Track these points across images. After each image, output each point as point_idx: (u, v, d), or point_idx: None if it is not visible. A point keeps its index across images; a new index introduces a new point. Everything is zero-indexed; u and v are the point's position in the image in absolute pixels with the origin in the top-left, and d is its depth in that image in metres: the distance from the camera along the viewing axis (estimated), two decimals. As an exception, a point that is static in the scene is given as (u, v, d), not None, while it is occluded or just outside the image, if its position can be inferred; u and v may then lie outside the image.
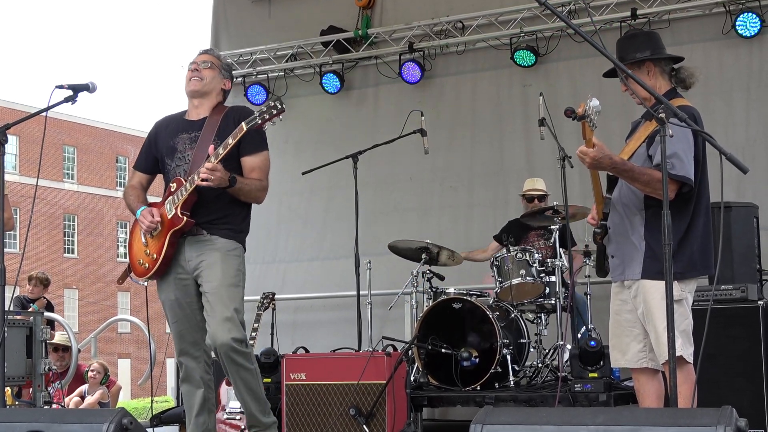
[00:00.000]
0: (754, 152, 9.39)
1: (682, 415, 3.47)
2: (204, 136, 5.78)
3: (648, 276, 5.08)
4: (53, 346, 9.90)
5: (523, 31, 10.41)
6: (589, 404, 7.05)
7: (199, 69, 5.89)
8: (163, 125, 6.06)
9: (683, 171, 4.94)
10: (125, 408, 4.21)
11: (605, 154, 4.91)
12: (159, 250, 5.79)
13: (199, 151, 5.75)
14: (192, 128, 5.87)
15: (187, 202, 5.70)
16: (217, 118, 5.83)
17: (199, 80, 5.87)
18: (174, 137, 5.90)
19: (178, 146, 5.87)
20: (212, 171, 5.49)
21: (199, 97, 5.92)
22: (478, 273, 9.41)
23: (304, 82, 11.67)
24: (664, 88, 5.24)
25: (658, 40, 5.39)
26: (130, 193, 6.12)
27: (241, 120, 5.58)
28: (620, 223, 5.23)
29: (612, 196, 5.28)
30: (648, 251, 5.10)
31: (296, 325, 10.92)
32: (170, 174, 5.88)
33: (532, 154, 10.32)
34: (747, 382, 6.89)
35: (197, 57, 5.98)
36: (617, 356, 5.37)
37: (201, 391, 5.88)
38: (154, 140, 6.04)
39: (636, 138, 5.22)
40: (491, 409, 3.66)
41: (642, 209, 5.13)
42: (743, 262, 7.46)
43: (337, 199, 10.75)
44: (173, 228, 5.73)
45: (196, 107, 5.93)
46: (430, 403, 7.94)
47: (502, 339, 7.68)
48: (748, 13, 9.39)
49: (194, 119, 5.92)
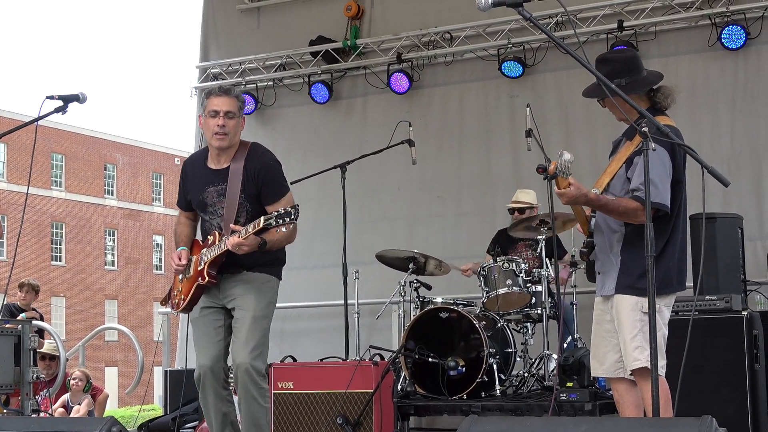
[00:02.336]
0: (739, 163, 9.47)
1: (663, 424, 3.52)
2: (231, 191, 5.93)
3: (620, 290, 5.19)
4: (40, 355, 9.89)
5: (510, 42, 10.47)
6: (574, 413, 7.09)
7: (225, 123, 5.91)
8: (190, 170, 6.19)
9: (659, 198, 4.99)
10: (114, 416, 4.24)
11: (581, 193, 5.00)
12: (186, 293, 6.03)
13: (229, 205, 5.92)
14: (217, 179, 5.99)
15: (215, 261, 5.90)
16: (239, 167, 5.95)
17: (225, 136, 5.94)
18: (202, 191, 6.04)
19: (207, 200, 6.02)
20: (239, 245, 5.69)
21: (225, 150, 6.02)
22: (465, 283, 9.44)
23: (292, 92, 11.71)
24: (643, 107, 5.24)
25: (636, 62, 5.29)
26: (178, 230, 6.28)
27: (259, 174, 5.90)
28: (602, 242, 5.33)
29: (596, 216, 5.36)
30: (622, 266, 5.19)
31: (284, 333, 10.93)
32: (206, 225, 6.09)
33: (519, 165, 10.36)
34: (731, 391, 6.93)
35: (220, 102, 5.93)
36: (596, 365, 5.45)
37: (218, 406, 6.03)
38: (185, 185, 6.20)
39: (617, 159, 5.26)
40: (476, 418, 3.70)
41: (621, 226, 5.21)
42: (728, 272, 7.51)
43: (325, 209, 10.77)
44: (197, 283, 5.95)
45: (218, 155, 6.03)
46: (416, 411, 7.97)
47: (489, 348, 7.71)
48: (734, 26, 9.46)
49: (218, 168, 6.02)
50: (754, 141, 9.57)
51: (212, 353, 6.01)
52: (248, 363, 5.84)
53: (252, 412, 5.92)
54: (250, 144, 6.11)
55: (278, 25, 11.85)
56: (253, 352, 5.87)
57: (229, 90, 6.08)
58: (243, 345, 5.87)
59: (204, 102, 6.07)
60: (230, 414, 6.10)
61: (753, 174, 9.48)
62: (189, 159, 6.35)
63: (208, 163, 6.08)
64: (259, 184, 5.94)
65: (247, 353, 5.85)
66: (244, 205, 5.92)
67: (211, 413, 6.08)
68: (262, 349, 5.95)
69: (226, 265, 5.94)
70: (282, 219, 5.60)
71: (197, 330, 6.12)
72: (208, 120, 5.95)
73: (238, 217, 5.90)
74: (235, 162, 5.98)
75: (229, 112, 5.92)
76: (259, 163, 5.98)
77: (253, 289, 5.98)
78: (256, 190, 5.93)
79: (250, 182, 5.92)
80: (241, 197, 5.91)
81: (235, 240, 5.68)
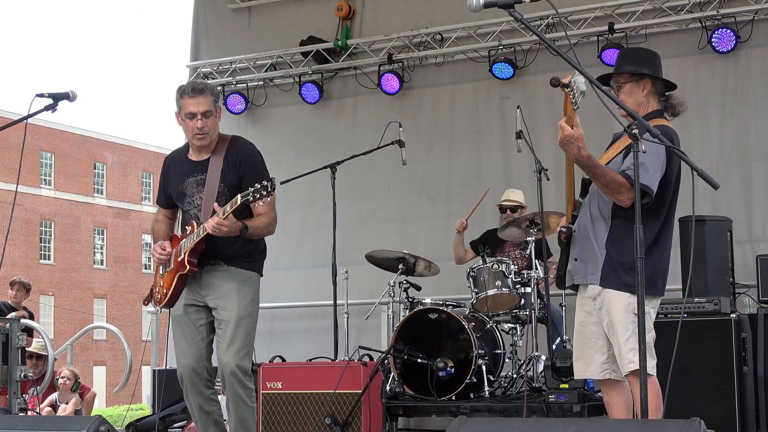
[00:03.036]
0: (729, 167, 9.49)
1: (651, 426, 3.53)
2: (210, 179, 5.93)
3: (606, 284, 5.13)
4: (28, 354, 9.87)
5: (501, 43, 10.48)
6: (563, 415, 7.10)
7: (204, 124, 5.89)
8: (171, 164, 6.20)
9: (646, 180, 4.95)
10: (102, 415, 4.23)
11: (578, 141, 4.92)
12: (168, 286, 5.98)
13: (207, 194, 5.91)
14: (197, 170, 5.99)
15: (195, 249, 5.86)
16: (219, 158, 5.95)
17: (206, 135, 5.93)
18: (182, 181, 6.04)
19: (186, 191, 6.02)
20: (219, 225, 5.63)
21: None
22: (455, 284, 9.45)
23: (283, 92, 11.70)
24: (653, 107, 5.29)
25: (659, 62, 5.43)
26: (156, 227, 6.27)
27: (240, 163, 5.89)
28: (584, 227, 5.26)
29: (583, 201, 5.32)
30: (607, 259, 5.14)
31: (273, 334, 10.93)
32: (185, 216, 6.07)
33: (509, 166, 10.38)
34: (720, 393, 6.96)
35: (196, 103, 5.89)
36: (581, 368, 5.40)
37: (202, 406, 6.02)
38: (167, 179, 6.20)
39: (614, 147, 5.29)
40: (465, 419, 3.70)
41: (608, 218, 5.18)
42: (716, 275, 7.54)
43: (315, 209, 10.78)
44: (179, 272, 5.91)
45: (199, 149, 6.03)
46: (405, 412, 7.98)
47: (478, 349, 7.72)
48: (724, 29, 9.49)
49: (198, 160, 6.02)
50: (744, 144, 9.60)
51: (194, 353, 6.00)
52: (234, 364, 5.82)
53: (240, 413, 5.91)
54: (230, 137, 6.11)
55: (269, 25, 11.85)
56: (239, 353, 5.85)
57: (202, 89, 5.98)
58: (228, 346, 5.84)
59: (178, 101, 5.99)
60: (214, 413, 6.08)
61: (742, 177, 9.51)
62: (170, 155, 6.33)
63: (189, 155, 6.09)
64: (240, 173, 5.92)
65: (233, 354, 5.82)
66: (223, 194, 5.88)
67: (195, 412, 6.09)
68: (248, 348, 5.93)
69: (206, 257, 5.91)
70: (259, 193, 5.54)
71: (178, 329, 6.07)
72: (185, 121, 5.93)
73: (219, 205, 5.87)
74: (215, 154, 5.98)
75: (206, 112, 5.90)
76: (241, 152, 5.98)
77: (234, 287, 5.93)
78: (237, 179, 5.91)
79: (231, 171, 5.91)
80: (221, 186, 5.89)
81: (214, 220, 5.62)
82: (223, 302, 5.91)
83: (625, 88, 5.29)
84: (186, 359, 6.00)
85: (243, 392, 5.87)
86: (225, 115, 11.59)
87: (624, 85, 5.31)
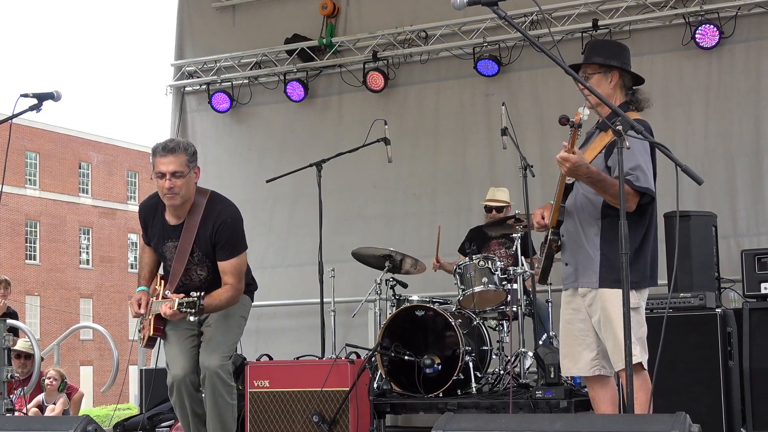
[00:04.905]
0: (713, 162, 9.52)
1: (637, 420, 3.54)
2: (181, 246, 5.95)
3: (606, 285, 5.14)
4: (16, 353, 9.83)
5: (486, 40, 10.49)
6: (549, 411, 7.12)
7: (173, 184, 5.84)
8: (149, 218, 6.17)
9: (647, 183, 5.02)
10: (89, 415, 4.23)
11: (584, 162, 4.96)
12: (146, 332, 6.07)
13: (177, 262, 5.96)
14: (174, 235, 6.02)
15: (159, 317, 5.93)
16: (194, 223, 5.94)
17: (176, 195, 5.89)
18: (162, 245, 6.08)
19: (166, 254, 6.08)
20: (173, 316, 5.73)
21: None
22: (441, 281, 9.46)
23: (268, 90, 11.69)
24: (620, 101, 5.31)
25: (628, 55, 5.45)
26: (143, 258, 6.33)
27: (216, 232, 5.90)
28: (574, 232, 5.27)
29: (567, 205, 5.34)
30: (603, 260, 5.15)
31: (260, 332, 10.92)
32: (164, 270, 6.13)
33: (495, 163, 10.39)
34: (705, 388, 6.98)
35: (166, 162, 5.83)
36: (568, 365, 5.40)
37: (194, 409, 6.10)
38: (145, 229, 6.21)
39: (592, 148, 5.28)
40: (452, 416, 3.71)
41: (598, 219, 5.19)
42: (702, 270, 7.57)
43: (301, 207, 10.79)
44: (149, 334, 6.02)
45: (174, 209, 6.01)
46: (393, 409, 7.99)
47: (465, 346, 7.74)
48: (708, 25, 9.52)
49: (174, 224, 6.03)
50: (728, 139, 9.63)
51: (185, 364, 6.06)
52: (218, 367, 5.95)
53: (219, 408, 6.01)
54: (209, 194, 6.07)
55: (254, 23, 11.83)
56: (224, 357, 5.99)
57: (174, 148, 5.88)
58: (213, 350, 5.98)
59: (152, 159, 5.96)
60: (204, 415, 6.14)
61: (726, 172, 9.54)
62: (146, 206, 6.25)
63: (165, 215, 6.07)
64: (214, 241, 5.96)
65: (218, 358, 5.96)
66: (200, 260, 5.98)
67: (187, 416, 6.12)
68: (231, 352, 6.10)
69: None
70: (188, 308, 5.63)
71: (171, 335, 6.13)
72: (157, 180, 5.90)
73: (192, 272, 5.99)
74: (190, 217, 5.98)
75: (176, 172, 5.83)
76: (218, 221, 5.97)
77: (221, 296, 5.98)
78: (211, 246, 5.96)
79: (207, 238, 5.94)
80: (195, 253, 5.96)
81: (167, 313, 5.74)
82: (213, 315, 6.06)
83: (593, 79, 5.29)
84: (177, 369, 6.06)
85: (224, 389, 5.99)
86: (210, 114, 11.62)
87: (592, 76, 5.32)
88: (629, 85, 5.38)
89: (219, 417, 6.03)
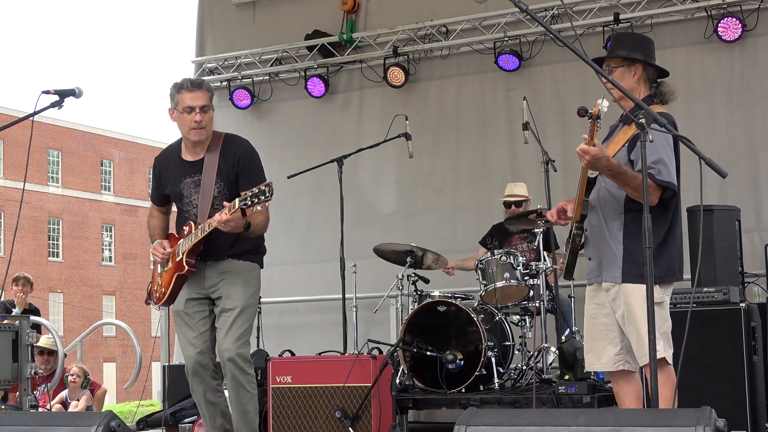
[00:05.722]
0: (736, 156, 9.46)
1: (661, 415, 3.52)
2: (206, 179, 6.00)
3: (628, 279, 5.11)
4: (39, 350, 9.88)
5: (506, 35, 10.46)
6: (572, 406, 7.09)
7: (202, 118, 5.96)
8: (164, 164, 6.24)
9: (669, 177, 4.99)
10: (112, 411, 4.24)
11: (604, 155, 4.93)
12: (167, 285, 6.10)
13: (203, 195, 5.97)
14: (193, 170, 6.06)
15: (193, 250, 5.94)
16: (214, 156, 6.01)
17: (203, 130, 6.00)
18: (179, 182, 6.10)
19: (184, 191, 6.08)
20: (226, 222, 5.69)
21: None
22: (463, 276, 9.44)
23: (288, 86, 11.69)
24: (644, 94, 5.28)
25: (652, 48, 5.42)
26: (151, 222, 6.36)
27: (238, 161, 5.97)
28: (598, 226, 5.25)
29: (590, 199, 5.31)
30: (627, 255, 5.13)
31: (282, 328, 10.93)
32: (182, 216, 6.12)
33: (516, 158, 10.37)
34: (729, 383, 6.93)
35: (194, 97, 5.97)
36: (592, 360, 5.39)
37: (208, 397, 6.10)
38: (159, 178, 6.25)
39: (615, 142, 5.25)
40: (475, 411, 3.70)
41: (621, 213, 5.17)
42: (725, 264, 7.52)
43: (322, 203, 10.79)
44: (177, 272, 6.01)
45: (193, 146, 6.08)
46: (415, 405, 7.97)
47: (487, 342, 7.72)
48: (730, 18, 9.46)
49: (193, 160, 6.08)
50: (751, 133, 9.58)
51: (199, 345, 6.08)
52: (234, 352, 5.94)
53: (240, 399, 6.03)
54: (224, 134, 6.18)
55: (274, 19, 11.84)
56: (238, 340, 5.97)
57: (201, 84, 6.09)
58: (229, 335, 5.96)
59: (174, 95, 6.06)
60: (220, 404, 6.17)
61: (749, 166, 9.49)
62: (161, 155, 6.36)
63: (182, 155, 6.14)
64: (237, 170, 6.00)
65: (232, 342, 5.95)
66: (223, 193, 5.97)
67: (201, 404, 6.14)
68: (247, 336, 6.07)
69: (210, 253, 5.99)
70: (257, 198, 5.59)
71: (182, 322, 6.15)
72: (182, 115, 5.99)
73: (214, 206, 5.93)
74: (209, 152, 6.04)
75: (204, 107, 5.98)
76: (238, 150, 6.06)
77: (239, 278, 6.05)
78: (234, 176, 6.00)
79: (229, 168, 5.99)
80: (218, 186, 5.98)
81: (222, 216, 5.67)
82: (227, 291, 6.02)
83: (616, 73, 5.27)
84: (191, 351, 6.07)
85: (243, 378, 5.99)
86: (231, 111, 11.63)
87: (615, 70, 5.30)
88: (654, 78, 5.35)
89: (241, 408, 6.04)
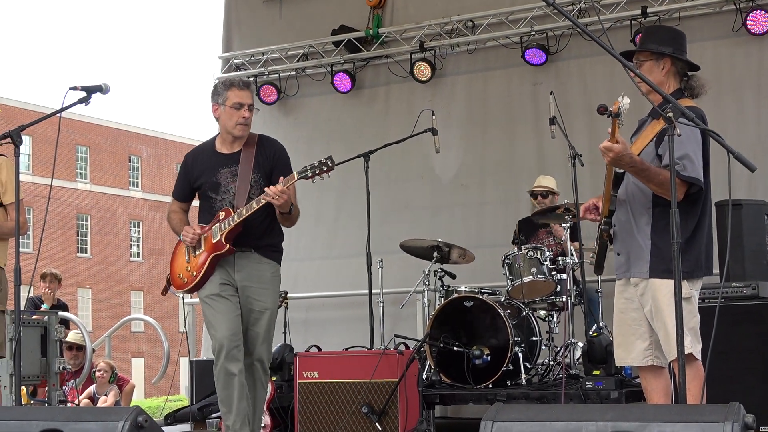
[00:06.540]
0: (765, 149, 9.40)
1: (690, 411, 3.49)
2: (243, 170, 6.25)
3: (656, 275, 5.09)
4: (67, 345, 9.94)
5: (533, 29, 10.43)
6: (600, 401, 7.07)
7: (249, 115, 6.28)
8: (198, 159, 6.49)
9: (694, 173, 4.95)
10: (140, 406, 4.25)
11: (628, 152, 4.91)
12: (199, 269, 6.25)
13: (241, 183, 6.22)
14: (230, 162, 6.30)
15: (232, 231, 6.15)
16: (251, 150, 6.31)
17: (247, 126, 6.31)
18: (215, 172, 6.32)
19: (221, 181, 6.29)
20: (282, 193, 5.93)
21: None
22: (490, 271, 9.43)
23: (315, 82, 11.71)
24: (673, 88, 5.25)
25: (683, 42, 5.39)
26: (173, 216, 6.56)
27: (273, 156, 6.30)
28: (626, 221, 5.23)
29: (618, 194, 5.28)
30: (654, 250, 5.11)
31: (308, 323, 10.96)
32: (216, 205, 6.31)
33: (543, 153, 10.34)
34: (757, 378, 6.89)
35: (244, 96, 6.29)
36: (622, 354, 5.37)
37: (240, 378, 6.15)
38: (191, 172, 6.48)
39: (643, 136, 5.22)
40: (501, 406, 3.69)
41: (649, 208, 5.14)
42: (754, 259, 7.47)
43: (349, 198, 10.80)
44: (215, 252, 6.18)
45: (232, 141, 6.34)
46: (442, 400, 7.97)
47: (514, 337, 7.70)
48: (759, 11, 9.39)
49: (230, 152, 6.34)
50: (780, 127, 9.51)
51: (233, 327, 6.18)
52: (265, 355, 6.29)
53: (258, 397, 6.31)
54: (257, 134, 6.46)
55: (300, 15, 11.86)
56: (267, 348, 6.33)
57: (249, 84, 6.47)
58: (262, 340, 6.26)
59: (222, 92, 6.29)
60: (246, 386, 6.24)
61: (779, 160, 9.42)
62: (193, 151, 6.63)
63: (217, 148, 6.38)
64: (273, 164, 6.26)
65: (266, 347, 6.30)
66: (259, 183, 6.20)
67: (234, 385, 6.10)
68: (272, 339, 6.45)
69: (237, 243, 6.17)
70: (318, 168, 5.91)
71: (215, 305, 6.23)
72: (230, 110, 6.24)
73: (251, 194, 6.18)
74: (246, 147, 6.32)
75: (251, 105, 6.30)
76: (275, 146, 6.40)
77: (267, 280, 6.28)
78: (270, 169, 6.24)
79: (266, 160, 6.26)
80: (255, 176, 6.22)
81: (278, 188, 5.91)
82: (257, 294, 6.25)
83: (644, 67, 5.24)
84: (224, 332, 6.15)
85: (264, 378, 6.35)
86: (257, 106, 11.62)
87: (644, 63, 5.27)
88: (684, 71, 5.31)
89: (257, 404, 6.30)
